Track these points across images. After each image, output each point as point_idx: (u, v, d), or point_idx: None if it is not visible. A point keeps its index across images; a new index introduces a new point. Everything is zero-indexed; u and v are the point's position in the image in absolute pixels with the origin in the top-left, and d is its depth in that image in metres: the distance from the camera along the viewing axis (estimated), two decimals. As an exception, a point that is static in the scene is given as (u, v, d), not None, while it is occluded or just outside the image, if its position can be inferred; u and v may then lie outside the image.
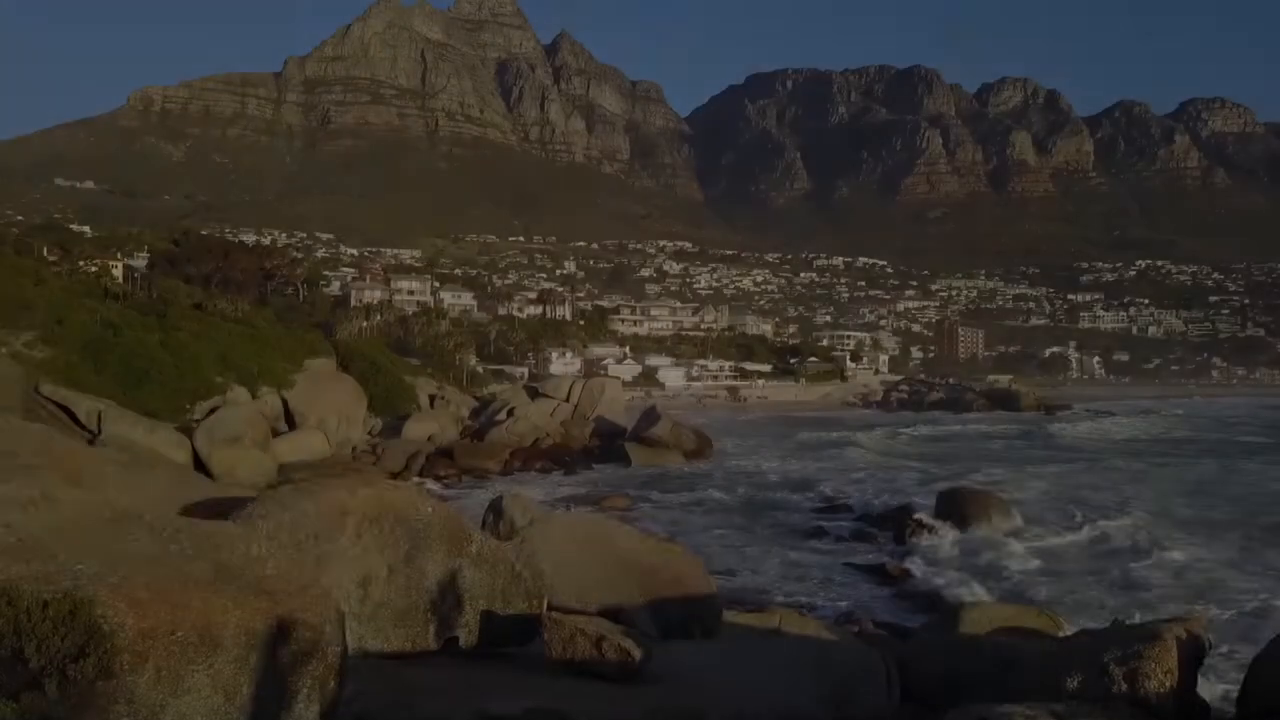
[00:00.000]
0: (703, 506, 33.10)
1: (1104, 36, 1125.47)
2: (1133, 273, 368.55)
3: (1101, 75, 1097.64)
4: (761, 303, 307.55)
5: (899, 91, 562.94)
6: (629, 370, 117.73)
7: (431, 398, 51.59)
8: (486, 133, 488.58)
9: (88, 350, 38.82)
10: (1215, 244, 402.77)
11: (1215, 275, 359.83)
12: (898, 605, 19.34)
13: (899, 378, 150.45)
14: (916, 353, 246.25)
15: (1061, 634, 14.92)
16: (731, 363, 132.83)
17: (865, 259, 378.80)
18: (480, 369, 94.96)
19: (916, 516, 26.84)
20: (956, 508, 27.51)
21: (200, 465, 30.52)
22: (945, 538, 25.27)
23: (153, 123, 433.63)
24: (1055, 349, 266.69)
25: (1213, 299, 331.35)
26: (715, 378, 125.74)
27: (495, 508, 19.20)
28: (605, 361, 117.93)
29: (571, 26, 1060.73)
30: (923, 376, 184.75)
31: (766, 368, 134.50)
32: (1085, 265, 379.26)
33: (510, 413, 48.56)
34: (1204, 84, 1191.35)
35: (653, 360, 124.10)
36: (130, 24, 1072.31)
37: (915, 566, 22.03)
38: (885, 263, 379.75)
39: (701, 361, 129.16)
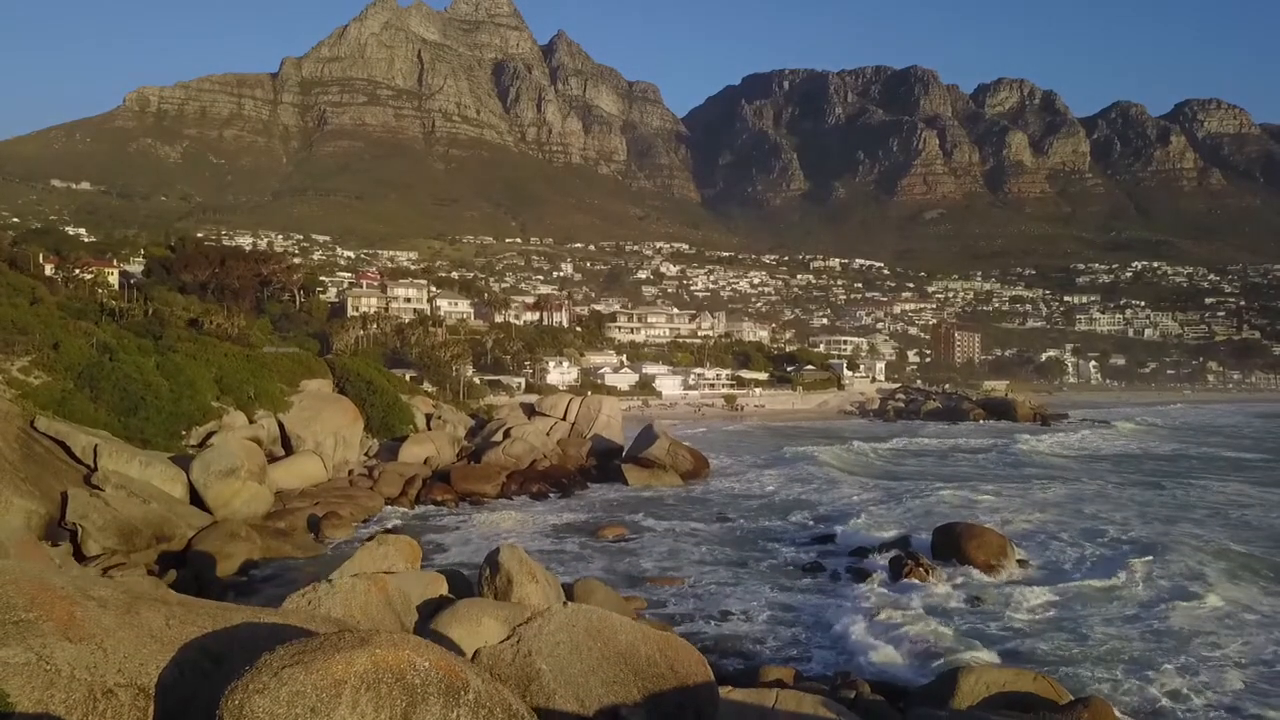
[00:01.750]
0: (697, 537, 33.01)
1: (1100, 37, 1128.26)
2: (1129, 274, 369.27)
3: (1097, 76, 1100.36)
4: (759, 304, 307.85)
5: (895, 92, 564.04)
6: (626, 379, 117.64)
7: (428, 417, 51.54)
8: (483, 133, 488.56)
9: (83, 376, 38.73)
10: (1211, 245, 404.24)
11: (1211, 277, 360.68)
12: (895, 658, 19.26)
13: (895, 385, 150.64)
14: (913, 357, 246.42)
15: (1063, 702, 14.88)
16: (728, 370, 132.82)
17: (862, 260, 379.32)
18: (477, 380, 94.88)
19: (913, 555, 26.78)
20: (954, 545, 27.42)
21: (196, 498, 30.45)
22: (943, 580, 25.23)
23: (149, 124, 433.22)
24: (1052, 352, 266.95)
25: (1209, 301, 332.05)
26: (712, 386, 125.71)
27: (491, 561, 19.19)
28: (602, 370, 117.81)
29: (568, 26, 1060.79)
30: (919, 383, 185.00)
31: (763, 375, 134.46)
32: (1082, 267, 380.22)
33: (507, 433, 48.50)
34: (1200, 85, 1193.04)
35: (650, 369, 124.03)
36: (127, 24, 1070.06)
37: (912, 613, 21.93)
38: (882, 264, 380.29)
39: (698, 370, 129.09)
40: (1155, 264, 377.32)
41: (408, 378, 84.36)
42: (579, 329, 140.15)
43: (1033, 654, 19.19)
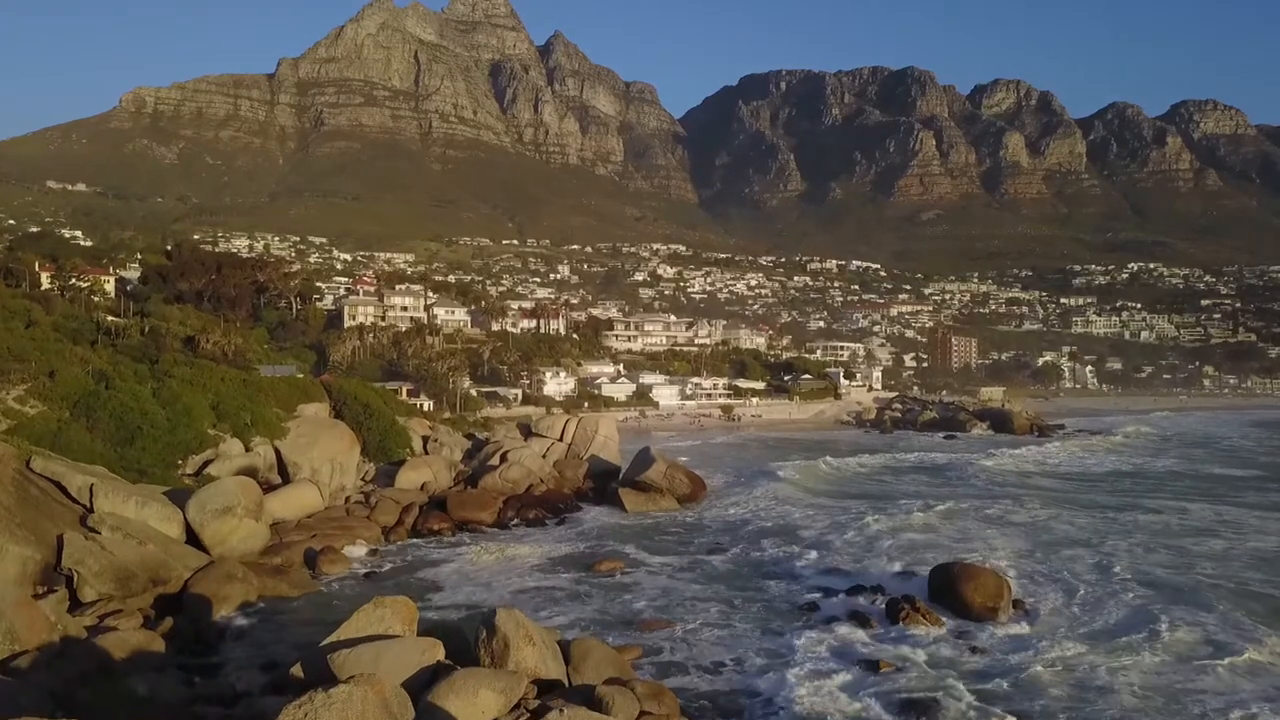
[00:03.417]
0: (693, 571, 33.04)
1: (1096, 38, 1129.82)
2: (1125, 275, 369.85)
3: (1094, 77, 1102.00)
4: (755, 307, 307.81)
5: (892, 93, 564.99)
6: (623, 389, 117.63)
7: (425, 440, 51.56)
8: (480, 134, 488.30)
9: (80, 406, 38.75)
10: (1207, 246, 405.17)
11: (1207, 278, 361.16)
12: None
13: (892, 395, 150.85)
14: (910, 361, 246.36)
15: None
16: (725, 380, 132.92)
17: (859, 262, 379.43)
18: (474, 392, 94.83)
19: (909, 599, 26.71)
20: (951, 587, 27.25)
21: (193, 536, 30.41)
22: (941, 625, 25.19)
23: (145, 124, 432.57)
24: (1048, 356, 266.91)
25: (1204, 303, 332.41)
26: (709, 396, 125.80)
27: (488, 623, 19.20)
28: (599, 380, 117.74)
29: (565, 27, 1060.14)
30: (916, 390, 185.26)
31: (760, 385, 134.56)
32: (1078, 268, 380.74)
33: (504, 457, 48.53)
34: (1196, 86, 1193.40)
35: (647, 378, 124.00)
36: (123, 25, 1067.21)
37: (910, 667, 21.88)
38: (879, 266, 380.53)
39: (695, 379, 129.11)
40: (1152, 265, 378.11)
41: (405, 390, 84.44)
42: (576, 336, 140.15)
43: (1038, 715, 19.16)
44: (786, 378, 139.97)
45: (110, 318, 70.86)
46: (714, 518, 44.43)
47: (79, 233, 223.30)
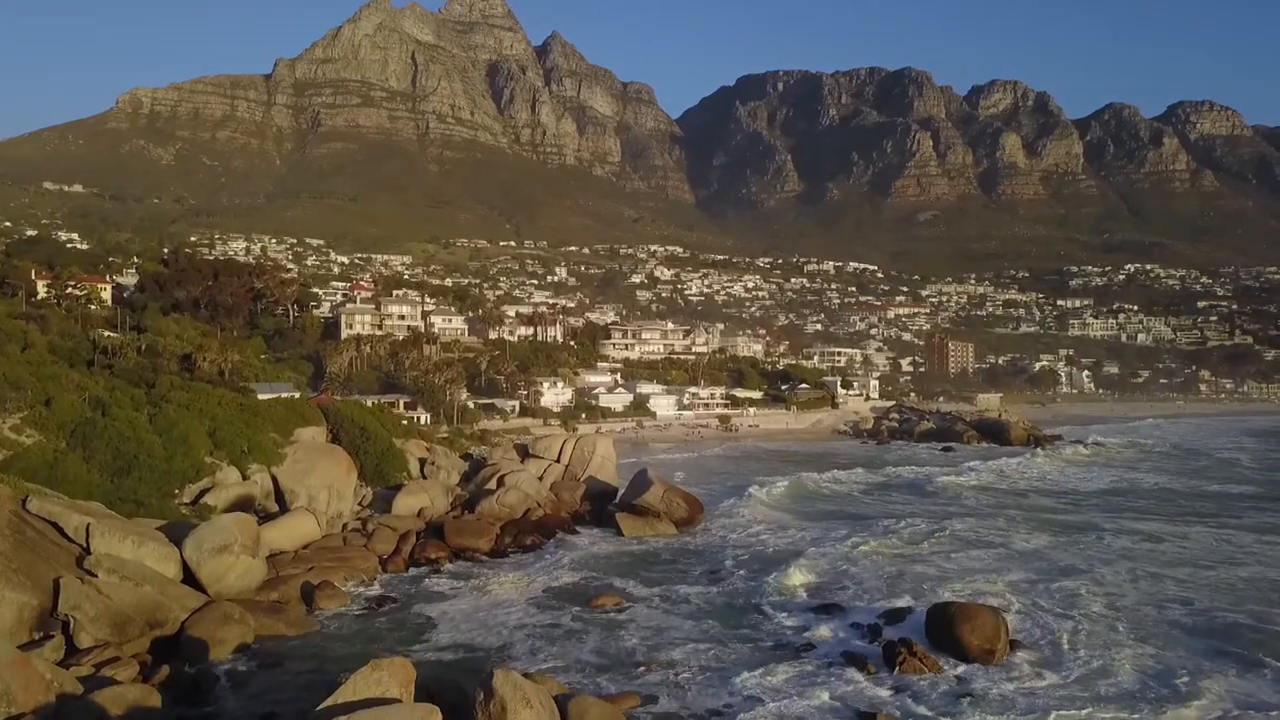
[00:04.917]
0: (689, 604, 33.05)
1: (1093, 39, 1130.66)
2: (1122, 276, 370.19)
3: (1091, 77, 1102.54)
4: (753, 309, 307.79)
5: (889, 93, 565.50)
6: (620, 399, 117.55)
7: (422, 462, 51.49)
8: (477, 135, 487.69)
9: (76, 435, 38.62)
10: (1204, 247, 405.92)
11: (1204, 280, 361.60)
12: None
13: (889, 404, 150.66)
14: (907, 366, 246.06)
15: None
16: (723, 389, 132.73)
17: (856, 264, 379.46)
18: (471, 404, 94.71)
19: (906, 642, 26.59)
20: (948, 628, 27.13)
21: (189, 575, 30.32)
22: (939, 670, 25.12)
23: (141, 125, 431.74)
24: (1045, 360, 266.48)
25: (1201, 304, 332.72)
26: (706, 406, 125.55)
27: (485, 687, 19.16)
28: (597, 390, 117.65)
29: (563, 27, 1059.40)
30: (913, 396, 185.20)
31: (757, 394, 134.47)
32: (1075, 269, 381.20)
33: (500, 481, 48.47)
34: (1193, 87, 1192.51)
35: (644, 388, 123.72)
36: (119, 25, 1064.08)
37: (908, 719, 21.89)
38: (875, 267, 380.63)
39: (693, 389, 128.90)
40: (1148, 266, 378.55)
41: (402, 403, 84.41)
42: (573, 344, 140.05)
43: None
44: (784, 387, 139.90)
45: (107, 333, 70.77)
46: (710, 544, 44.29)
47: (75, 235, 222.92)
